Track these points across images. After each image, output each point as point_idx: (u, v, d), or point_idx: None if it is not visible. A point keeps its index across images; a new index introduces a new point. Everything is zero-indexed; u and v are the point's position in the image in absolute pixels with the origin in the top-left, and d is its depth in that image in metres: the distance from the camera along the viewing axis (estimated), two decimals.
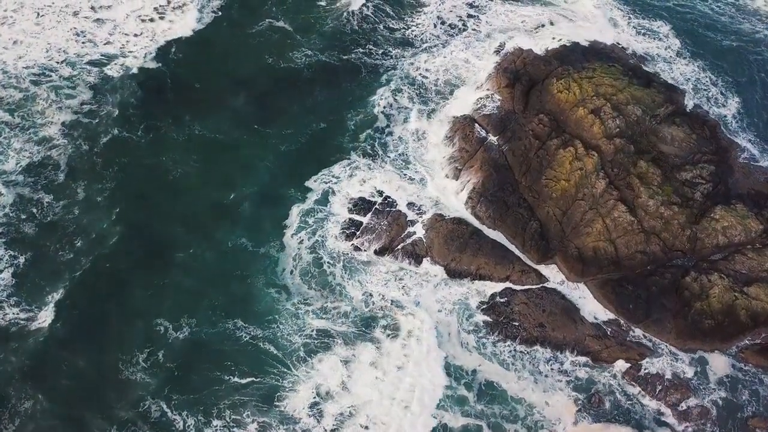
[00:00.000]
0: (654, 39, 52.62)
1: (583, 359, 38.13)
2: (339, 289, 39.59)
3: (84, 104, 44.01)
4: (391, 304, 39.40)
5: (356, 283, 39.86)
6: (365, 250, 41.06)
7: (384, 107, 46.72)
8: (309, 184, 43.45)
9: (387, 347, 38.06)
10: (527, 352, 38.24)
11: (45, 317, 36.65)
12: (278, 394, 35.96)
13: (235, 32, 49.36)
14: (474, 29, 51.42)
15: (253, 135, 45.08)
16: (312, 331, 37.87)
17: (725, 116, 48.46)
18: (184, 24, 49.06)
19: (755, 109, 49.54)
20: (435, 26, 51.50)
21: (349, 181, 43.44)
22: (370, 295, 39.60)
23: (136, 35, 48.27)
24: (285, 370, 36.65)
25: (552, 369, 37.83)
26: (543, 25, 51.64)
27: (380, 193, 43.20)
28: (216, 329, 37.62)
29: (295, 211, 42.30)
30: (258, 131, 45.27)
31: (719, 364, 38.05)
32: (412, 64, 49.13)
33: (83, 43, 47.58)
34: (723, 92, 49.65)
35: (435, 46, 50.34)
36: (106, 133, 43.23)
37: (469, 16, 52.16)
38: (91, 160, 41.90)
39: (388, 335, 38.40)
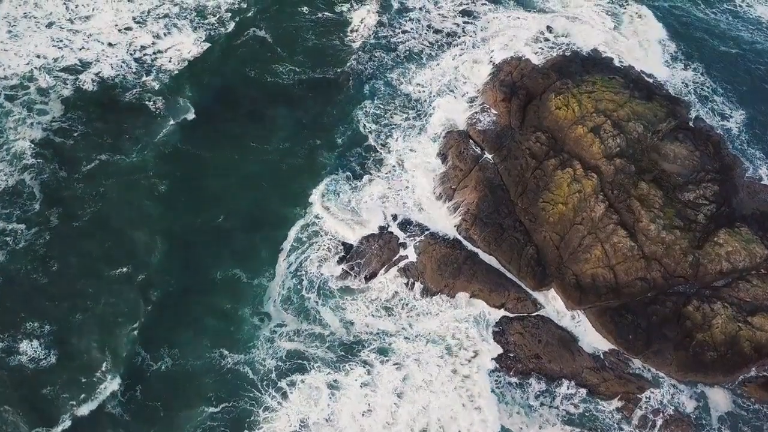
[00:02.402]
0: (653, 44, 50.75)
1: (579, 393, 36.69)
2: (316, 316, 37.88)
3: (54, 121, 41.67)
4: (378, 330, 37.81)
5: (340, 310, 38.18)
6: (354, 275, 39.37)
7: (375, 122, 44.58)
8: (300, 204, 41.45)
9: (379, 373, 36.48)
10: (520, 385, 36.81)
11: (23, 347, 35.02)
12: (249, 419, 34.42)
13: (220, 43, 46.85)
14: (468, 37, 49.15)
15: (246, 152, 42.97)
16: (288, 356, 36.30)
17: (729, 129, 46.90)
18: (169, 36, 46.62)
19: (760, 123, 47.83)
20: (427, 34, 49.09)
21: (339, 201, 41.54)
22: (351, 322, 37.92)
23: (111, 44, 45.77)
24: (261, 396, 35.18)
25: (546, 403, 36.40)
26: (541, 32, 49.29)
27: (371, 212, 41.36)
28: (201, 360, 36.19)
29: (291, 232, 40.46)
30: (252, 149, 43.20)
31: (721, 398, 36.68)
32: (403, 74, 46.98)
33: (59, 50, 45.18)
34: (726, 105, 48.00)
35: (427, 55, 48.05)
36: (81, 152, 40.91)
37: (464, 23, 49.80)
38: (67, 183, 39.66)
39: (379, 360, 36.91)
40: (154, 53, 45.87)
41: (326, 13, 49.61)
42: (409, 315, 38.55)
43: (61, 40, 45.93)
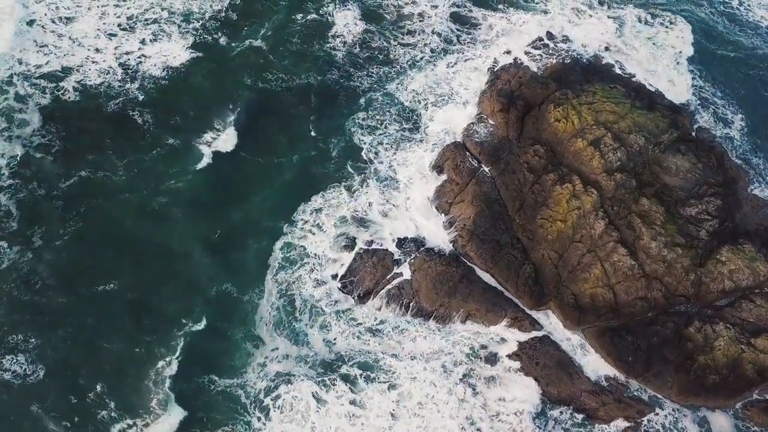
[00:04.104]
0: (655, 49, 49.36)
1: (577, 417, 35.80)
2: (306, 339, 36.88)
3: (34, 135, 40.00)
4: (371, 350, 36.83)
5: (331, 331, 37.12)
6: (348, 294, 38.29)
7: (370, 133, 43.18)
8: (292, 219, 40.14)
9: (369, 396, 35.55)
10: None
11: (10, 365, 34.25)
12: None
13: (210, 51, 45.06)
14: (465, 44, 47.58)
15: (236, 165, 41.53)
16: (277, 378, 35.39)
17: (732, 138, 45.61)
18: (157, 42, 44.72)
19: (764, 130, 46.61)
20: (423, 42, 47.35)
21: (332, 216, 40.24)
22: (341, 343, 36.90)
23: (98, 50, 44.11)
24: (250, 418, 34.35)
25: (541, 427, 35.45)
26: (540, 38, 47.66)
27: (365, 227, 40.20)
28: (190, 383, 35.33)
29: (283, 248, 39.26)
30: (243, 161, 41.81)
31: (723, 422, 35.85)
32: (398, 83, 45.47)
33: (45, 55, 43.57)
34: (728, 114, 46.61)
35: (423, 63, 46.44)
36: (60, 168, 39.32)
37: (460, 30, 48.16)
38: (45, 202, 38.21)
39: (369, 379, 35.99)
40: (139, 58, 44.17)
41: (314, 16, 47.77)
42: (403, 335, 37.54)
43: (45, 45, 44.28)
